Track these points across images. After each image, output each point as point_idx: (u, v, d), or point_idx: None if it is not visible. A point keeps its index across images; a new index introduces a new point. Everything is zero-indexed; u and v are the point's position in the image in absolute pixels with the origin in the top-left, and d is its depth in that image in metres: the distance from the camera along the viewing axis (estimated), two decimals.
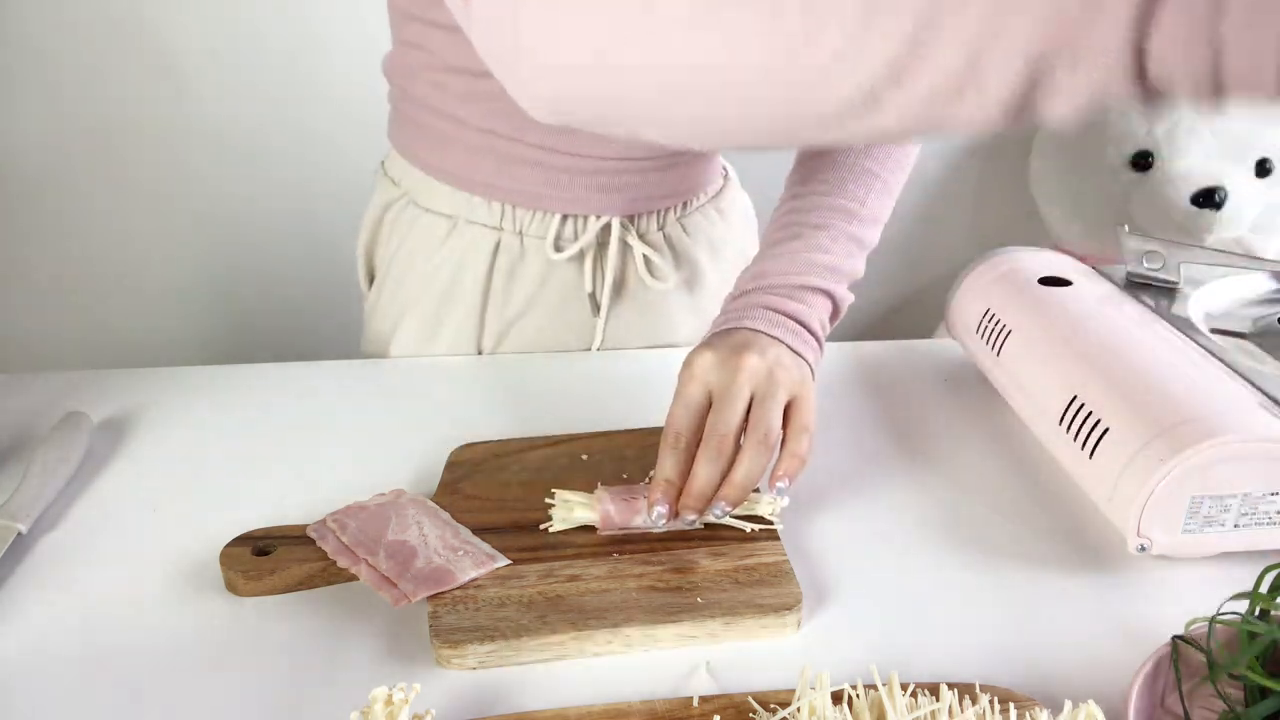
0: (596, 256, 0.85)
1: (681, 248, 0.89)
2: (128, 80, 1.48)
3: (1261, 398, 0.60)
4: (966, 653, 0.53)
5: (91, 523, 0.64)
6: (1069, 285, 0.75)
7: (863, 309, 1.83)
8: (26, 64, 1.46)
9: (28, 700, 0.50)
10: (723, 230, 0.92)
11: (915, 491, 0.67)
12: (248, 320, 1.68)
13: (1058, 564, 0.60)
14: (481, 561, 0.57)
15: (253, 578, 0.57)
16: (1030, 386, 0.70)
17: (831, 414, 0.77)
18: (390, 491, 0.64)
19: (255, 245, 1.61)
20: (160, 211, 1.58)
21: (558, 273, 0.84)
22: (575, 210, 0.83)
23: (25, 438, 0.73)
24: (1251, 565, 0.52)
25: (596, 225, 0.83)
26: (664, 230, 0.88)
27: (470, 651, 0.51)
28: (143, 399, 0.79)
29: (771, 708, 0.47)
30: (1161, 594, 0.58)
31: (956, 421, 0.76)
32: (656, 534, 0.60)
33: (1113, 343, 0.66)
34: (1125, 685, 0.46)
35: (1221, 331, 0.72)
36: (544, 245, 0.83)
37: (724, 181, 0.94)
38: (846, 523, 0.64)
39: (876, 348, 0.88)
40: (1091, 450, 0.61)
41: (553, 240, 0.83)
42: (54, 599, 0.57)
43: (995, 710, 0.46)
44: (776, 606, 0.54)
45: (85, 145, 1.52)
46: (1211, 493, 0.56)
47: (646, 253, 0.85)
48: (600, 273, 0.85)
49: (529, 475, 0.66)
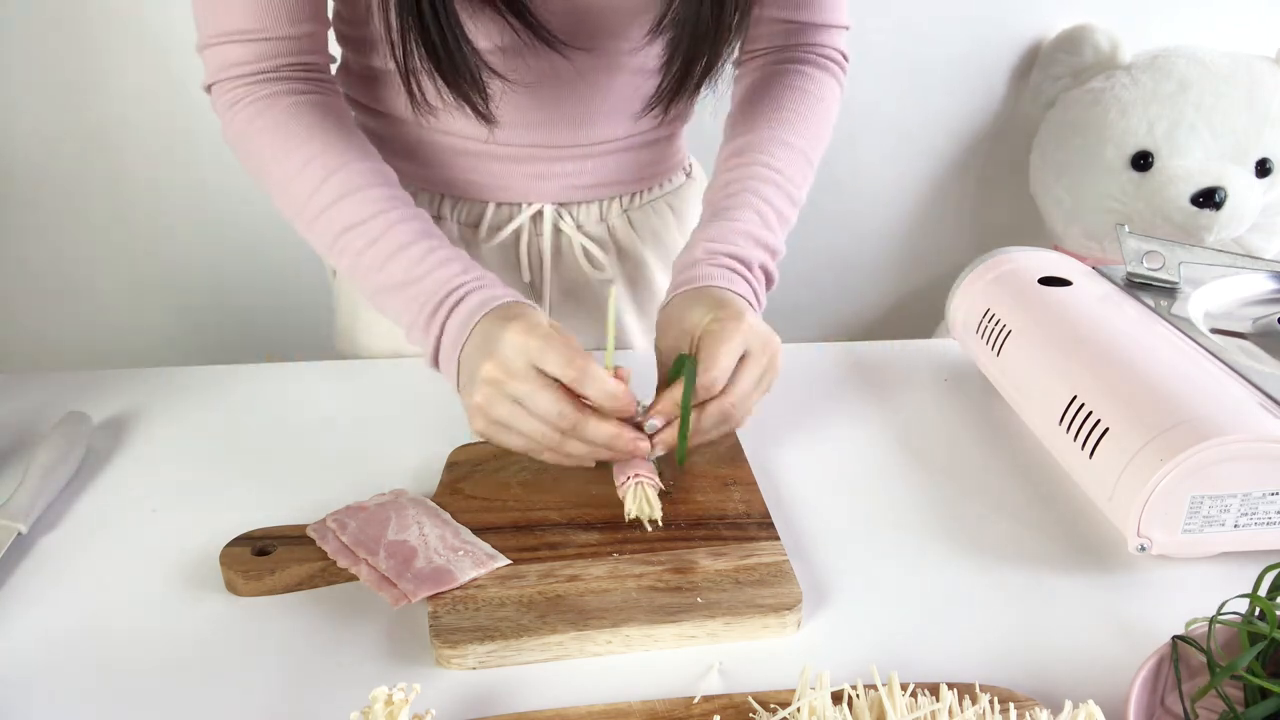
0: (531, 244, 0.86)
1: (626, 242, 0.89)
2: (128, 80, 1.48)
3: (1261, 398, 0.60)
4: (966, 653, 0.53)
5: (91, 523, 0.64)
6: (1069, 285, 0.75)
7: (863, 309, 1.84)
8: (26, 64, 1.46)
9: (28, 700, 0.50)
10: (675, 234, 0.92)
11: (915, 491, 0.67)
12: (248, 320, 1.68)
13: (1058, 564, 0.60)
14: (481, 561, 0.57)
15: (253, 578, 0.57)
16: (1030, 386, 0.70)
17: (832, 414, 0.77)
18: (390, 491, 0.64)
19: (255, 245, 1.61)
20: (160, 211, 1.58)
21: (493, 260, 0.86)
22: (507, 199, 0.84)
23: (25, 438, 0.73)
24: (1251, 565, 0.52)
25: (528, 212, 0.84)
26: (606, 221, 0.88)
27: (470, 651, 0.51)
28: (143, 399, 0.79)
29: (771, 708, 0.47)
30: (1161, 594, 0.58)
31: (956, 421, 0.76)
32: (657, 534, 0.60)
33: (1113, 343, 0.66)
34: (1125, 685, 0.46)
35: (1221, 331, 0.72)
36: (477, 233, 0.85)
37: (685, 179, 0.94)
38: (846, 523, 0.64)
39: (876, 348, 0.88)
40: (1091, 450, 0.61)
41: (485, 228, 0.84)
42: (54, 599, 0.57)
43: (995, 710, 0.46)
44: (776, 606, 0.54)
45: (85, 145, 1.52)
46: (1211, 493, 0.56)
47: (583, 242, 0.86)
48: (537, 261, 0.86)
49: (529, 475, 0.66)
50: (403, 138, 0.82)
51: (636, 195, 0.89)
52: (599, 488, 0.64)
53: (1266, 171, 1.49)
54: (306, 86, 0.71)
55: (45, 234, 1.57)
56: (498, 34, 0.71)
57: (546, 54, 0.72)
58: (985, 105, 1.68)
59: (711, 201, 0.75)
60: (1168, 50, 1.54)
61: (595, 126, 0.82)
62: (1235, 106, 1.47)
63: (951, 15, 1.59)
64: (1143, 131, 1.49)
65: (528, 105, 0.78)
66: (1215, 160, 1.47)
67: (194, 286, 1.64)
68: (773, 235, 0.73)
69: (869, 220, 1.74)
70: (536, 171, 0.83)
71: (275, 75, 0.70)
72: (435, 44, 0.65)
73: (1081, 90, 1.57)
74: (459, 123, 0.79)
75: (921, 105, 1.65)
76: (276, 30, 0.69)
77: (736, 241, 0.71)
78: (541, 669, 0.52)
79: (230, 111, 0.70)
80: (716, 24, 0.68)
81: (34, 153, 1.51)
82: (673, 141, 0.90)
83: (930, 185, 1.74)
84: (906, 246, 1.79)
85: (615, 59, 0.78)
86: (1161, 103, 1.49)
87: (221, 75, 0.70)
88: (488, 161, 0.82)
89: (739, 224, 0.71)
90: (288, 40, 0.69)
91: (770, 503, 0.64)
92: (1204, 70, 1.49)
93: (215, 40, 0.69)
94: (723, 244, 0.70)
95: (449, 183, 0.84)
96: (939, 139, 1.70)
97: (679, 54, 0.70)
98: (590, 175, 0.85)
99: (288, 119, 0.69)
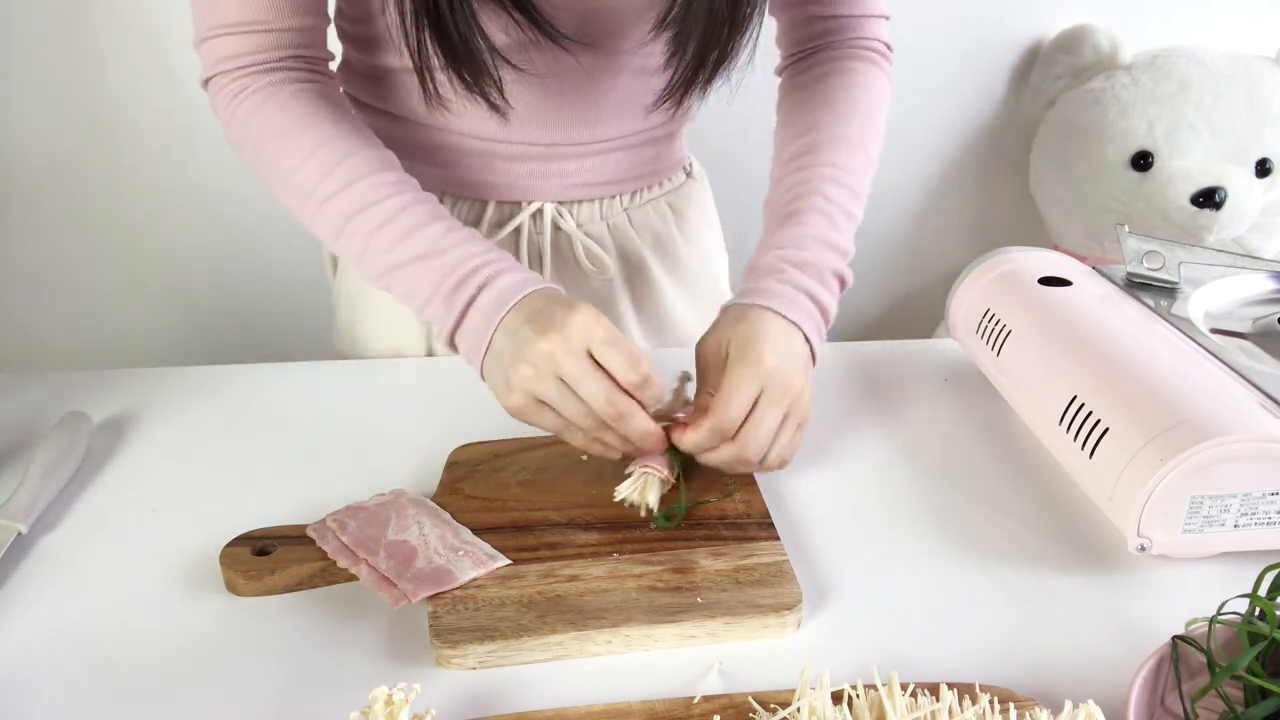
0: (531, 243, 0.86)
1: (626, 241, 0.89)
2: (127, 80, 1.48)
3: (1261, 398, 0.60)
4: (966, 653, 0.53)
5: (91, 523, 0.64)
6: (1069, 285, 0.75)
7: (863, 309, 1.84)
8: (26, 64, 1.46)
9: (28, 700, 0.50)
10: (675, 233, 0.92)
11: (915, 491, 0.67)
12: (248, 320, 1.68)
13: (1058, 564, 0.60)
14: (481, 561, 0.57)
15: (253, 578, 0.57)
16: (1030, 386, 0.70)
17: (832, 414, 0.77)
18: (390, 491, 0.64)
19: (255, 245, 1.61)
20: (159, 211, 1.58)
21: None
22: (509, 197, 0.84)
23: (25, 438, 0.73)
24: (1251, 565, 0.52)
25: (529, 210, 0.84)
26: (606, 220, 0.88)
27: (470, 651, 0.51)
28: (143, 399, 0.79)
29: (771, 708, 0.47)
30: (1161, 594, 0.58)
31: (956, 421, 0.76)
32: (657, 534, 0.60)
33: (1113, 343, 0.66)
34: (1125, 685, 0.46)
35: (1221, 331, 0.72)
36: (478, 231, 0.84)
37: (685, 178, 0.94)
38: (846, 523, 0.64)
39: (876, 348, 0.88)
40: (1091, 450, 0.61)
41: (486, 226, 0.84)
42: (54, 599, 0.57)
43: (995, 710, 0.46)
44: (776, 606, 0.54)
45: (85, 145, 1.52)
46: (1211, 493, 0.56)
47: (583, 240, 0.86)
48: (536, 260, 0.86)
49: (529, 475, 0.66)
50: (404, 136, 0.82)
51: (637, 194, 0.89)
52: (599, 488, 0.64)
53: (1266, 171, 1.49)
54: (308, 77, 0.71)
55: (45, 234, 1.57)
56: (502, 31, 0.71)
57: (553, 51, 0.72)
58: (985, 105, 1.68)
59: (777, 207, 0.73)
60: (1168, 50, 1.54)
61: (603, 124, 0.82)
62: (1235, 106, 1.47)
63: (951, 15, 1.59)
64: (1143, 131, 1.49)
65: (536, 102, 0.78)
66: (1215, 160, 1.47)
67: (194, 286, 1.64)
68: (843, 237, 0.72)
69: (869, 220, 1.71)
70: (540, 170, 0.83)
71: (276, 66, 0.70)
72: (451, 37, 0.65)
73: (1081, 90, 1.57)
74: (467, 120, 0.79)
75: (921, 105, 1.65)
76: (277, 22, 0.68)
77: (808, 246, 0.69)
78: (541, 669, 0.52)
79: (233, 103, 0.70)
80: (732, 15, 0.67)
81: (34, 153, 1.51)
82: (674, 140, 0.90)
83: (930, 185, 1.74)
84: (906, 246, 1.79)
85: (622, 56, 0.78)
86: (1161, 103, 1.49)
87: (220, 68, 0.70)
88: (491, 160, 0.82)
89: (808, 228, 0.70)
90: (288, 32, 0.69)
91: (770, 503, 0.64)
92: (1204, 70, 1.49)
93: (213, 33, 0.69)
94: (794, 249, 0.69)
95: (450, 181, 0.84)
96: (939, 139, 1.70)
97: (690, 47, 0.69)
98: (592, 173, 0.85)
99: (294, 104, 0.69)
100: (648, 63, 0.79)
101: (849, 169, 0.74)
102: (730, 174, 1.10)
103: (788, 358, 0.64)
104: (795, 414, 0.64)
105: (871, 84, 0.78)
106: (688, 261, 0.93)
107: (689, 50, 0.69)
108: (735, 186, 1.10)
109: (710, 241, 0.96)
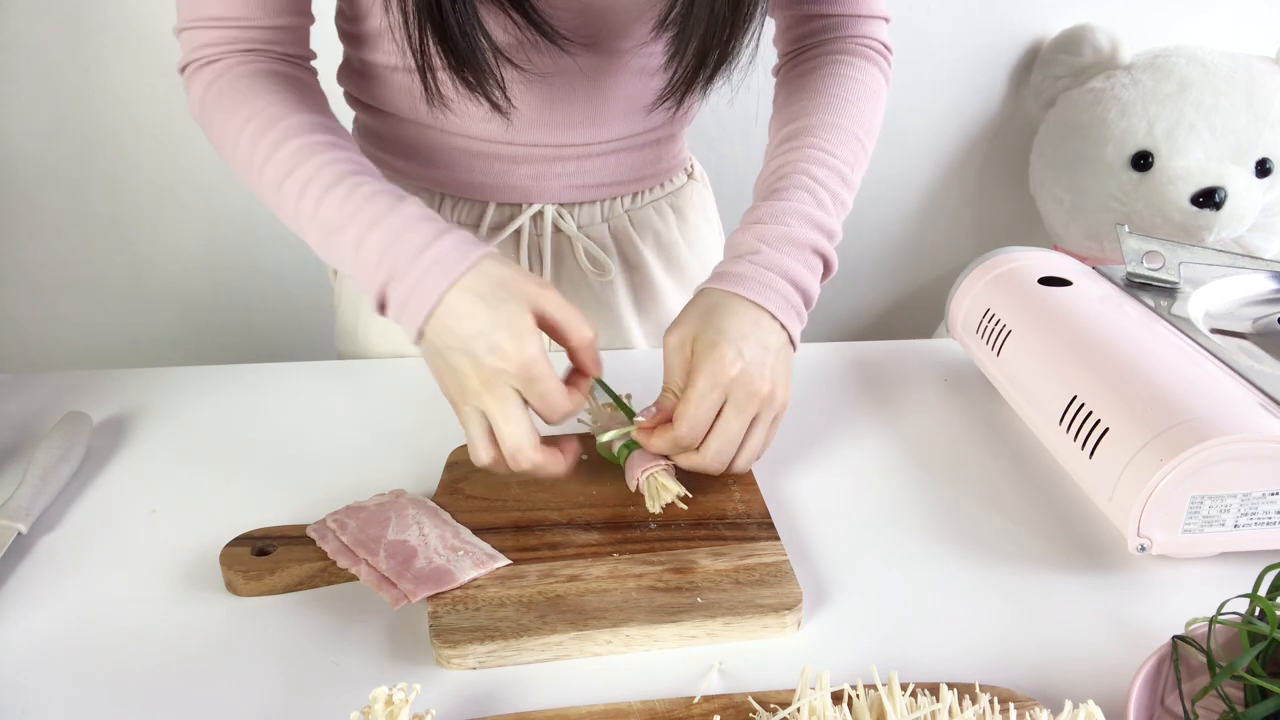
0: (532, 245, 0.86)
1: (627, 242, 0.89)
2: (127, 80, 1.48)
3: (1261, 398, 0.60)
4: (966, 653, 0.53)
5: (91, 523, 0.64)
6: (1069, 285, 0.75)
7: (863, 309, 1.84)
8: (26, 64, 1.46)
9: (28, 700, 0.50)
10: (676, 234, 0.92)
11: (915, 491, 0.67)
12: (248, 320, 1.68)
13: (1058, 564, 0.60)
14: (481, 561, 0.57)
15: (253, 578, 0.57)
16: (1030, 386, 0.70)
17: (831, 414, 0.77)
18: (390, 491, 0.64)
19: (255, 245, 1.61)
20: (160, 211, 1.58)
21: None
22: (509, 199, 0.84)
23: (25, 438, 0.73)
24: (1251, 565, 0.52)
25: (529, 212, 0.84)
26: (608, 222, 0.88)
27: (470, 651, 0.51)
28: (143, 399, 0.79)
29: (771, 708, 0.47)
30: (1161, 594, 0.58)
31: (956, 421, 0.76)
32: (657, 534, 0.60)
33: (1113, 343, 0.66)
34: (1125, 685, 0.46)
35: (1221, 331, 0.72)
36: (477, 233, 0.84)
37: (687, 179, 0.94)
38: (846, 522, 0.64)
39: (876, 348, 0.88)
40: (1091, 450, 0.61)
41: (485, 228, 0.84)
42: (54, 599, 0.57)
43: (995, 710, 0.46)
44: (776, 606, 0.54)
45: (85, 145, 1.52)
46: (1211, 493, 0.56)
47: (584, 243, 0.85)
48: (537, 262, 0.86)
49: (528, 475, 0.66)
50: (405, 136, 0.82)
51: (638, 195, 0.89)
52: (599, 488, 0.64)
53: (1266, 171, 1.49)
54: (277, 66, 0.70)
55: (45, 234, 1.57)
56: (502, 31, 0.71)
57: (553, 51, 0.72)
58: (985, 105, 1.68)
59: (762, 187, 0.71)
60: (1168, 50, 1.54)
61: (604, 125, 0.81)
62: (1235, 106, 1.47)
63: (951, 15, 1.59)
64: (1143, 131, 1.49)
65: (537, 103, 0.78)
66: (1215, 160, 1.47)
67: (194, 287, 1.64)
68: (828, 216, 0.68)
69: (869, 220, 1.74)
70: (541, 171, 0.83)
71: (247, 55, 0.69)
72: (453, 36, 0.65)
73: (1081, 90, 1.57)
74: (468, 121, 0.79)
75: (921, 105, 1.65)
76: (255, 20, 0.68)
77: (788, 221, 0.66)
78: (541, 669, 0.52)
79: (196, 84, 0.69)
80: (733, 15, 0.67)
81: (34, 153, 1.52)
82: (675, 141, 0.90)
83: (930, 185, 1.74)
84: (906, 246, 1.79)
85: (623, 56, 0.78)
86: (1161, 103, 1.49)
87: (194, 56, 0.70)
88: (492, 161, 0.82)
89: (790, 203, 0.67)
90: (267, 30, 0.69)
91: (770, 503, 0.64)
92: (1204, 70, 1.49)
93: (193, 24, 0.69)
94: (773, 224, 0.66)
95: (451, 182, 0.84)
96: (939, 139, 1.70)
97: (690, 48, 0.69)
98: (594, 175, 0.85)
99: (244, 80, 0.68)
100: (648, 63, 0.79)
101: (838, 155, 0.71)
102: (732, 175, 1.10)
103: (755, 358, 0.61)
104: (765, 415, 0.62)
105: (867, 79, 0.77)
106: (689, 263, 0.93)
107: (689, 51, 0.69)
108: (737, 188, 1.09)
109: (712, 243, 0.96)
